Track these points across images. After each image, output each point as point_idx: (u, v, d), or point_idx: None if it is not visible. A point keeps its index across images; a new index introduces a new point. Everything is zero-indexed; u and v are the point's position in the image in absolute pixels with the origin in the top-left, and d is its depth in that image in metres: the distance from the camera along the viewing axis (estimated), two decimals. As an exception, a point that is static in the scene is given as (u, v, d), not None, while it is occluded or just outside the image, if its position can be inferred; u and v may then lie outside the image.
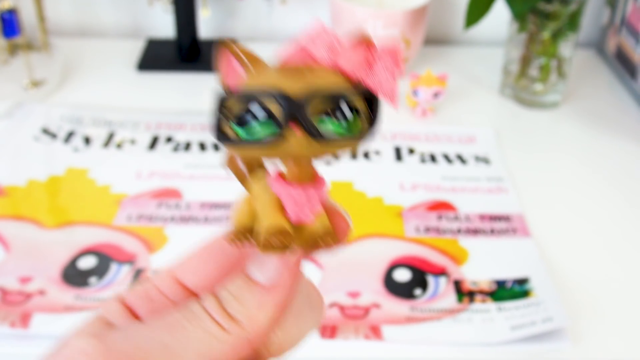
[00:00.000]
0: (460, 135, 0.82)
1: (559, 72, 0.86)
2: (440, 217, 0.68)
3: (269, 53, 0.79)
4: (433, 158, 0.77)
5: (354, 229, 0.26)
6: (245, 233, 0.24)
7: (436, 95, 0.82)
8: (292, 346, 0.28)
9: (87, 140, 0.78)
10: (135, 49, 0.98)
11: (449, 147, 0.79)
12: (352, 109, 0.22)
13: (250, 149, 0.22)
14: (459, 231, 0.67)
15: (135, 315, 0.27)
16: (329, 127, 0.22)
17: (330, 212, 0.25)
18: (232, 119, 0.22)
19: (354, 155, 0.66)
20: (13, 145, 0.77)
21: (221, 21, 1.03)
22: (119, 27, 1.04)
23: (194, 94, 0.89)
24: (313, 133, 0.21)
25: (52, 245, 0.64)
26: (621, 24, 0.93)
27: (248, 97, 0.22)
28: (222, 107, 0.22)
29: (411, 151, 0.78)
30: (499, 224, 0.68)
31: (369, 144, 0.22)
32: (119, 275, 0.60)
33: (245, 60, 0.23)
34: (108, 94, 0.89)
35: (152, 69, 0.93)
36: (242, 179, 0.27)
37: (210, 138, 0.79)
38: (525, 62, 0.86)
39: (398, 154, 0.78)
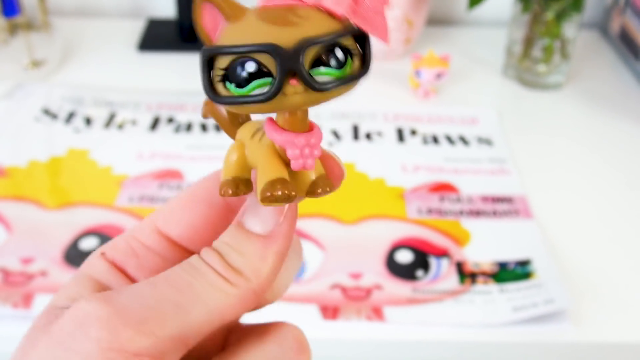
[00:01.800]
0: (462, 117, 0.81)
1: (562, 53, 0.85)
2: (442, 199, 0.68)
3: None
4: (435, 139, 0.77)
5: (346, 174, 0.26)
6: (237, 183, 0.24)
7: (439, 76, 0.81)
8: (284, 290, 0.28)
9: (88, 121, 0.78)
10: (136, 29, 0.97)
11: (451, 128, 0.79)
12: (344, 50, 0.22)
13: (247, 106, 0.22)
14: (461, 213, 0.66)
15: (122, 272, 0.26)
16: (323, 74, 0.21)
17: (323, 157, 0.25)
18: (222, 75, 0.21)
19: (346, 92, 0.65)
20: (13, 125, 0.77)
21: (222, 1, 1.02)
22: (119, 6, 1.03)
23: (195, 75, 0.89)
24: (312, 84, 0.21)
25: (54, 226, 0.64)
26: (625, 4, 0.93)
27: (238, 52, 0.21)
28: (210, 62, 0.22)
29: (413, 132, 0.78)
30: (501, 206, 0.67)
31: (359, 85, 0.22)
32: (121, 256, 0.60)
33: (226, 7, 0.21)
34: (109, 74, 0.88)
35: (153, 49, 0.93)
36: (226, 127, 0.26)
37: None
38: (529, 43, 0.86)
39: (400, 135, 0.77)
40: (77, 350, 0.21)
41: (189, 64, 0.91)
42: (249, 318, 0.27)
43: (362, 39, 0.22)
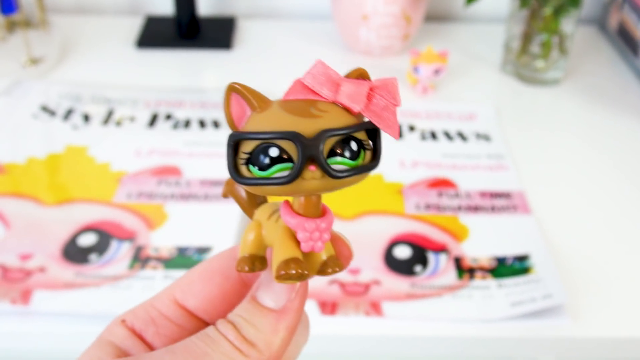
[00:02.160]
0: (460, 112, 0.81)
1: (560, 48, 0.85)
2: (440, 194, 0.68)
3: (268, 31, 0.79)
4: (433, 135, 0.77)
5: (354, 255, 0.27)
6: (254, 261, 0.26)
7: (437, 72, 0.81)
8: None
9: (86, 118, 0.78)
10: (134, 26, 0.97)
11: (449, 124, 0.79)
12: (359, 144, 0.24)
13: (268, 188, 0.23)
14: (459, 208, 0.66)
15: (141, 338, 0.28)
16: (340, 164, 0.23)
17: (333, 238, 0.27)
18: (247, 159, 0.23)
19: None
20: (12, 123, 0.77)
21: (220, -2, 1.02)
22: (117, 3, 1.03)
23: (193, 71, 0.89)
24: (329, 172, 0.23)
25: (52, 222, 0.64)
26: (623, 0, 0.93)
27: (263, 138, 0.23)
28: (236, 147, 0.24)
29: (412, 128, 0.78)
30: (499, 201, 0.68)
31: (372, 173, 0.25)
32: (119, 253, 0.60)
33: (252, 99, 0.24)
34: (107, 71, 0.88)
35: (151, 46, 0.93)
36: (244, 207, 0.28)
37: (209, 115, 0.78)
38: (527, 38, 0.86)
39: (399, 131, 0.77)
40: None
41: (187, 60, 0.91)
42: None
43: (373, 133, 0.24)
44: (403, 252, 0.61)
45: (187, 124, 0.78)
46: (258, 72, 0.88)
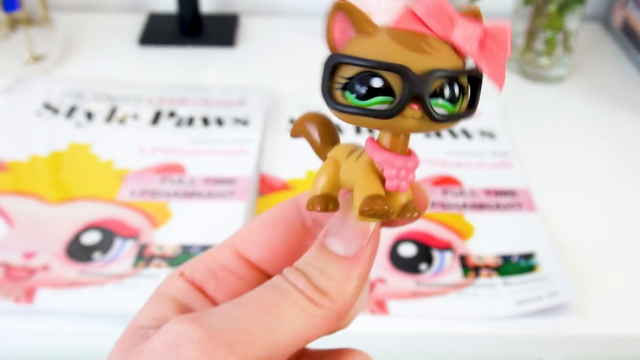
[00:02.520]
0: (465, 110, 0.81)
1: (564, 45, 0.85)
2: (445, 192, 0.68)
3: (271, 28, 0.78)
4: (438, 133, 0.77)
5: (430, 202, 0.26)
6: (327, 200, 0.24)
7: (441, 69, 0.81)
8: (357, 315, 0.28)
9: (89, 115, 0.78)
10: (136, 24, 0.97)
11: (453, 121, 0.79)
12: (460, 89, 0.22)
13: (362, 119, 0.22)
14: (464, 206, 0.66)
15: (201, 291, 0.26)
16: (441, 107, 0.22)
17: (414, 186, 0.26)
18: (344, 84, 0.22)
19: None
20: (15, 120, 0.77)
21: (223, -5, 1.02)
22: (120, 1, 1.03)
23: (196, 69, 0.89)
24: (431, 114, 0.21)
25: (56, 220, 0.63)
26: (628, -4, 0.92)
27: (369, 65, 0.21)
28: (334, 70, 0.22)
29: (416, 126, 0.78)
30: (504, 199, 0.67)
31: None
32: (123, 251, 0.60)
33: (359, 19, 0.22)
34: (110, 68, 0.88)
35: (153, 43, 0.93)
36: (316, 148, 0.27)
37: (212, 112, 0.78)
38: (531, 35, 0.85)
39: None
40: None
41: (190, 58, 0.90)
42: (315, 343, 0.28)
43: (475, 80, 0.23)
44: (408, 250, 0.61)
45: (190, 121, 0.77)
46: (261, 70, 0.88)
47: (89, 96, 0.81)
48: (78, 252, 0.60)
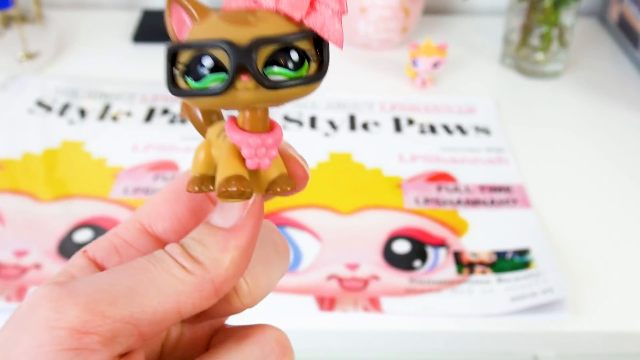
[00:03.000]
0: (460, 106, 0.81)
1: (560, 41, 0.85)
2: (439, 188, 0.68)
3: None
4: (433, 129, 0.77)
5: (310, 174, 0.26)
6: (204, 181, 0.25)
7: (436, 65, 0.81)
8: (264, 295, 0.28)
9: (82, 113, 0.77)
10: (130, 21, 0.97)
11: (448, 117, 0.78)
12: (300, 53, 0.22)
13: (202, 100, 0.22)
14: (458, 202, 0.66)
15: (102, 269, 0.26)
16: (277, 73, 0.22)
17: (286, 158, 0.25)
18: (183, 70, 0.22)
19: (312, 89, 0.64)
20: (8, 118, 0.76)
21: (218, -9, 1.01)
22: (114, -2, 1.02)
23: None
24: (262, 81, 0.21)
25: (48, 218, 0.63)
26: (624, -9, 0.92)
27: (196, 47, 0.22)
28: (173, 58, 0.23)
29: (410, 122, 0.78)
30: (499, 195, 0.67)
31: (318, 89, 0.23)
32: (116, 249, 0.60)
33: (192, 9, 0.23)
34: (103, 66, 0.87)
35: (147, 40, 0.92)
36: (199, 128, 0.27)
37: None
38: (526, 31, 0.85)
39: (397, 125, 0.77)
40: (26, 330, 0.22)
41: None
42: (235, 320, 0.27)
43: (321, 43, 0.23)
44: (402, 247, 0.61)
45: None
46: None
47: (83, 93, 0.81)
48: (70, 250, 0.60)
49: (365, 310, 0.55)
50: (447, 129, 0.77)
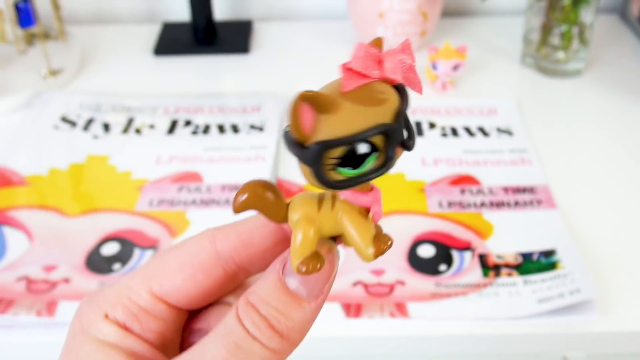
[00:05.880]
0: (481, 108, 0.80)
1: (580, 39, 0.84)
2: (463, 191, 0.67)
3: (285, 32, 0.78)
4: (454, 132, 0.76)
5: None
6: (316, 258, 0.25)
7: (455, 67, 0.81)
8: None
9: (106, 127, 0.78)
10: (151, 34, 0.98)
11: (470, 119, 0.78)
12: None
13: (364, 181, 0.24)
14: (482, 205, 0.66)
15: (130, 331, 0.26)
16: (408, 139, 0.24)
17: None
18: (335, 163, 0.23)
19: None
20: (33, 134, 0.77)
21: (236, 1, 1.02)
22: (134, 12, 1.03)
23: (211, 77, 0.89)
24: (409, 146, 0.24)
25: (76, 233, 0.64)
26: (644, -14, 0.91)
27: (358, 139, 0.23)
28: (322, 156, 0.23)
29: (432, 125, 0.77)
30: (523, 196, 0.67)
31: None
32: (142, 261, 0.60)
33: (322, 102, 0.23)
34: (126, 80, 0.88)
35: (168, 53, 0.93)
36: (272, 213, 0.27)
37: (228, 120, 0.78)
38: (546, 30, 0.84)
39: (419, 129, 0.77)
40: None
41: (205, 66, 0.91)
42: None
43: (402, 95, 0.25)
44: (427, 251, 0.61)
45: (206, 129, 0.77)
46: (276, 74, 0.88)
47: (106, 108, 0.82)
48: (98, 263, 0.60)
49: (391, 316, 0.55)
50: (469, 131, 0.76)
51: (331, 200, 0.26)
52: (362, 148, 0.23)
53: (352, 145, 0.23)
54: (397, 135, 0.23)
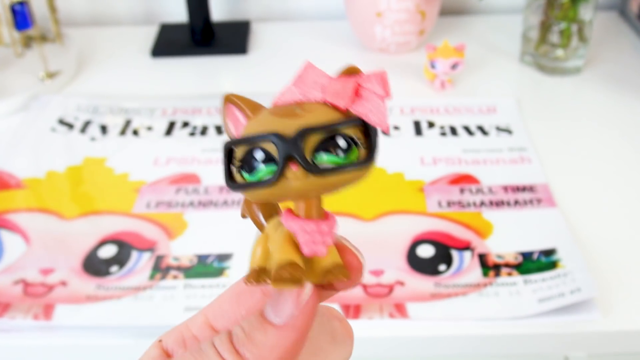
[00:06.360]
0: (480, 106, 0.80)
1: (580, 36, 0.84)
2: (462, 191, 0.67)
3: (283, 33, 0.78)
4: (453, 131, 0.76)
5: (365, 266, 0.26)
6: (261, 273, 0.25)
7: (454, 66, 0.80)
8: None
9: (103, 129, 0.78)
10: (148, 35, 0.97)
11: (469, 118, 0.78)
12: (348, 139, 0.23)
13: (256, 191, 0.23)
14: (482, 204, 0.65)
15: (169, 356, 0.27)
16: (326, 161, 0.23)
17: (341, 248, 0.26)
18: (238, 165, 0.23)
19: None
20: (31, 137, 0.77)
21: (234, 3, 1.02)
22: (131, 13, 1.03)
23: (209, 78, 0.89)
24: (310, 168, 0.22)
25: (73, 235, 0.63)
26: (643, -17, 0.91)
27: (247, 142, 0.23)
28: (229, 155, 0.24)
29: (431, 125, 0.77)
30: (523, 195, 0.66)
31: (370, 173, 0.24)
32: (140, 263, 0.60)
33: (244, 106, 0.24)
34: (123, 81, 0.88)
35: (166, 54, 0.93)
36: (258, 225, 0.27)
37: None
38: (545, 27, 0.84)
39: (417, 128, 0.76)
40: None
41: (203, 67, 0.90)
42: None
43: (368, 129, 0.24)
44: (426, 251, 0.60)
45: (204, 130, 0.77)
46: (275, 75, 0.88)
47: (104, 110, 0.81)
48: (95, 266, 0.60)
49: (391, 317, 0.55)
50: (468, 130, 0.76)
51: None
52: (257, 154, 0.23)
53: (247, 148, 0.23)
54: (285, 148, 0.22)
